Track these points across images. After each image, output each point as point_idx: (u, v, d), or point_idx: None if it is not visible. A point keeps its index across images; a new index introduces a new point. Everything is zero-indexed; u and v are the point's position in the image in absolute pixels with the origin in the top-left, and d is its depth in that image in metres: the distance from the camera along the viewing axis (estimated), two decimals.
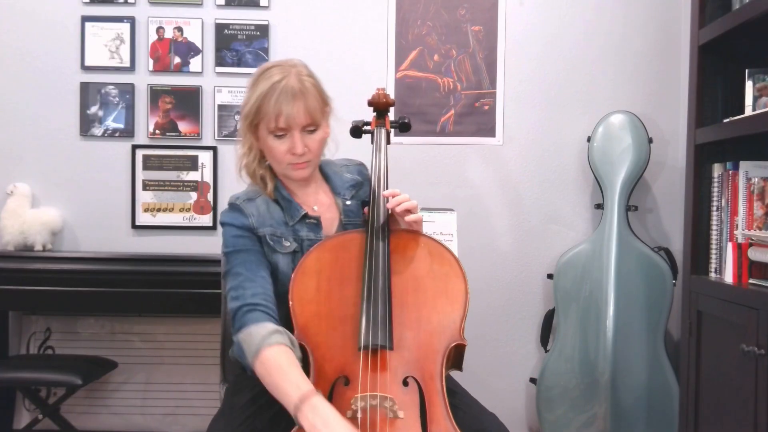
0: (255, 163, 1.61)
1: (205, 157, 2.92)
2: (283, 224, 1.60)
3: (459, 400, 1.53)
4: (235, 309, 1.48)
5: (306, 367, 1.40)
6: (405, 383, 1.37)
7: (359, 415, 1.30)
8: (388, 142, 1.75)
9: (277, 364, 1.37)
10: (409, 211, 1.54)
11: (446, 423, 1.33)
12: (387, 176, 1.65)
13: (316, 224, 1.62)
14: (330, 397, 1.35)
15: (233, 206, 1.60)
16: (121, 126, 2.92)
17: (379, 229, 1.53)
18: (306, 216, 1.61)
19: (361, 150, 1.86)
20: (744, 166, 2.09)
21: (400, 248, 1.54)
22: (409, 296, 1.47)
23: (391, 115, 1.83)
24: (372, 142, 1.74)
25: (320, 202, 1.67)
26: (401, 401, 1.33)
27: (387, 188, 1.61)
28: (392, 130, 1.80)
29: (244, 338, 1.43)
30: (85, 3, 2.90)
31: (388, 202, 1.56)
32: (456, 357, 1.46)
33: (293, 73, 1.52)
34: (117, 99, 2.92)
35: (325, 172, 1.71)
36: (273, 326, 1.43)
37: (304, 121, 1.52)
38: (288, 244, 1.58)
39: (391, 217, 1.58)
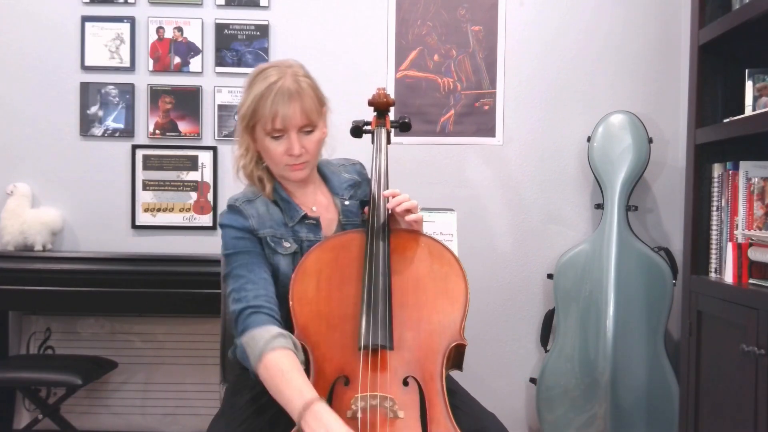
0: (252, 164, 1.60)
1: (205, 157, 2.92)
2: (283, 225, 1.59)
3: (459, 400, 1.52)
4: (238, 311, 1.47)
5: (306, 366, 1.40)
6: (405, 383, 1.37)
7: (359, 415, 1.30)
8: (388, 142, 1.75)
9: (280, 369, 1.36)
10: (409, 211, 1.54)
11: (446, 423, 1.33)
12: (387, 176, 1.65)
13: (315, 225, 1.62)
14: (330, 397, 1.35)
15: (233, 208, 1.58)
16: (121, 126, 2.92)
17: (379, 229, 1.53)
18: (305, 217, 1.61)
19: (361, 150, 1.86)
20: (744, 166, 2.09)
21: (400, 248, 1.54)
22: (410, 296, 1.47)
23: (392, 115, 1.83)
24: (372, 142, 1.74)
25: (318, 203, 1.67)
26: (401, 401, 1.33)
27: (387, 188, 1.61)
28: (392, 129, 1.80)
29: (248, 341, 1.42)
30: (85, 3, 2.90)
31: (388, 202, 1.56)
32: (456, 357, 1.46)
33: (289, 74, 1.51)
34: (117, 99, 2.92)
35: (323, 172, 1.71)
36: (276, 329, 1.42)
37: (300, 122, 1.51)
38: (288, 245, 1.57)
39: (391, 216, 1.58)
